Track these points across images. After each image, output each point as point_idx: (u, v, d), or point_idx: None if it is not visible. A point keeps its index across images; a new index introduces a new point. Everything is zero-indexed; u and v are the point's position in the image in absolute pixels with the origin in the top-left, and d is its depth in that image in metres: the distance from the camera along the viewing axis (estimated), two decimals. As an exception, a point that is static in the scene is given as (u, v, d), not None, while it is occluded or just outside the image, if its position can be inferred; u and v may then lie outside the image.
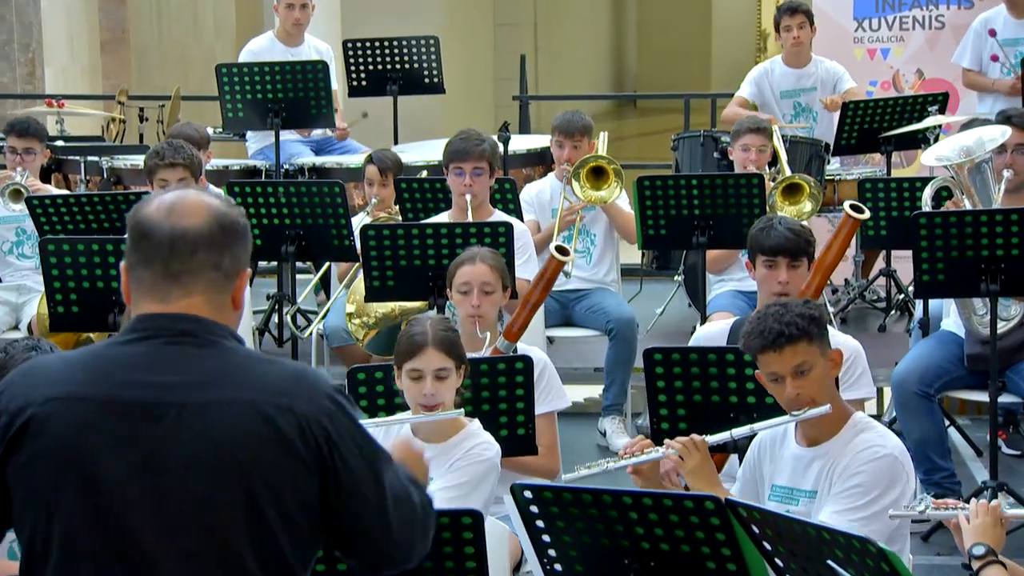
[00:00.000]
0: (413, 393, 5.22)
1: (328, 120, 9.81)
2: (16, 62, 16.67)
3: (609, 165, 8.64)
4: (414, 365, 5.21)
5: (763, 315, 5.03)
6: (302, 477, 3.21)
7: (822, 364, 5.00)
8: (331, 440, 3.23)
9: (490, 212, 7.74)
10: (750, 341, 5.01)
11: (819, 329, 5.01)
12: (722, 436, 5.17)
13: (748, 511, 4.40)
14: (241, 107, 9.64)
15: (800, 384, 4.96)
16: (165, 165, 7.51)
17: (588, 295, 8.80)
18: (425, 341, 5.20)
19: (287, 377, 3.28)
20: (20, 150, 8.89)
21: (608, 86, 27.76)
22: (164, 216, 3.26)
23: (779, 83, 10.61)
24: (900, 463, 4.99)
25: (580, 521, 4.60)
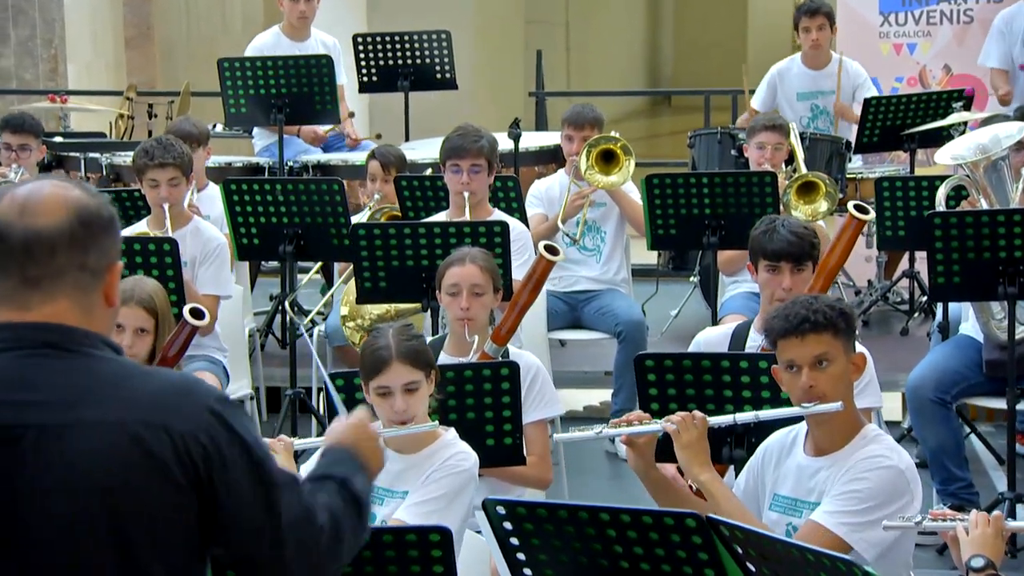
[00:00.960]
0: (383, 409, 4.96)
1: (333, 116, 9.58)
2: (39, 58, 16.64)
3: (620, 149, 8.38)
4: (381, 382, 4.96)
5: (792, 302, 4.81)
6: (179, 504, 2.92)
7: (843, 362, 4.75)
8: (211, 460, 2.94)
9: (489, 211, 7.49)
10: (773, 324, 4.78)
11: (847, 326, 4.77)
12: (725, 418, 4.93)
13: (730, 530, 4.14)
14: (244, 102, 9.42)
15: (816, 376, 4.70)
16: (155, 165, 7.26)
17: (597, 296, 8.56)
18: (389, 355, 4.94)
19: (165, 391, 2.97)
20: (15, 146, 8.72)
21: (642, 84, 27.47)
22: (17, 216, 2.96)
23: (796, 84, 10.34)
24: (905, 479, 4.73)
25: (556, 539, 4.35)
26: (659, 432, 4.88)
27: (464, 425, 5.46)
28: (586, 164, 8.37)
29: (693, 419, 4.83)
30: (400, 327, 5.01)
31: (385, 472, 4.97)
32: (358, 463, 3.36)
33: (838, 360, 4.74)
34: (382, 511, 4.96)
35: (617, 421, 4.96)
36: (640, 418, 4.93)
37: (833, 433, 4.78)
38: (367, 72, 10.58)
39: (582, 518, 4.31)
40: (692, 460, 4.82)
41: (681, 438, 4.81)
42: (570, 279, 8.60)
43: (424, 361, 4.97)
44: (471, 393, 5.47)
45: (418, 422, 4.93)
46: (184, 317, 5.75)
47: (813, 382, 4.71)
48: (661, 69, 29.37)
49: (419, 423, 4.93)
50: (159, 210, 7.31)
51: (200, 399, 2.98)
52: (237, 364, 7.61)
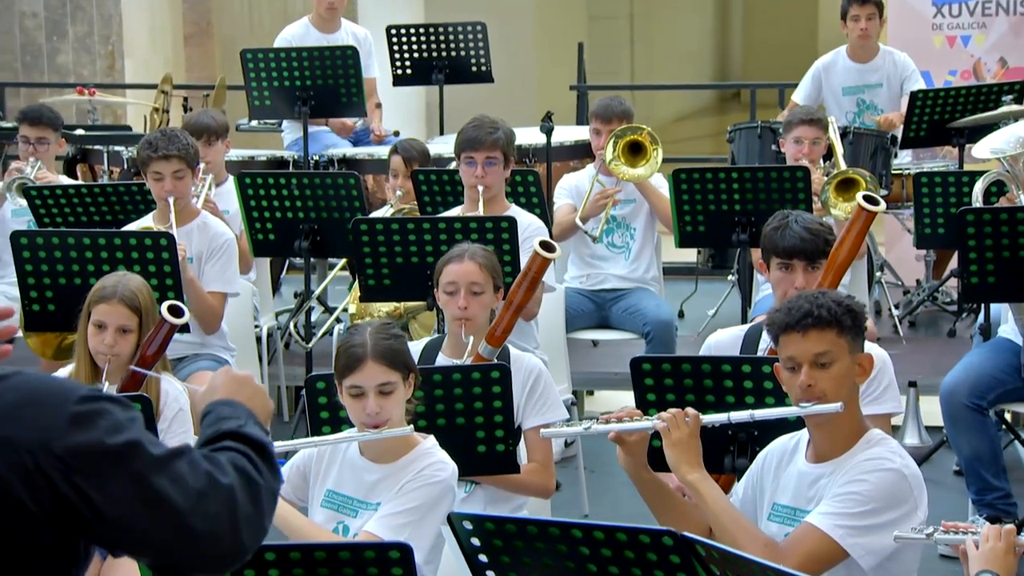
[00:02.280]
0: (355, 411, 4.65)
1: (359, 109, 9.29)
2: (96, 54, 16.70)
3: (647, 140, 8.06)
4: (354, 381, 4.64)
5: (797, 296, 4.51)
6: (28, 527, 2.64)
7: (847, 363, 4.42)
8: (71, 469, 2.66)
9: (506, 206, 7.17)
10: (774, 318, 4.46)
11: (853, 323, 4.43)
12: (719, 417, 4.60)
13: (707, 549, 3.82)
14: (268, 94, 9.16)
15: (816, 375, 4.38)
16: (159, 157, 6.98)
17: (626, 295, 8.23)
18: (364, 354, 4.62)
19: (19, 403, 2.68)
20: (33, 139, 8.48)
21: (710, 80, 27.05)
22: None
23: (842, 78, 9.97)
24: (908, 484, 4.39)
25: (527, 556, 4.04)
26: (649, 429, 4.56)
27: (454, 431, 5.17)
28: (612, 156, 8.05)
29: (685, 416, 4.51)
30: (379, 325, 4.71)
31: (360, 483, 4.72)
32: (243, 411, 3.06)
33: (841, 360, 4.42)
34: (355, 523, 4.67)
35: (607, 416, 4.65)
36: (631, 414, 4.62)
37: (834, 438, 4.47)
38: (401, 65, 10.29)
39: (553, 534, 4.02)
40: (680, 459, 4.51)
41: (671, 435, 4.50)
42: (598, 277, 8.29)
43: (401, 362, 4.66)
44: (460, 397, 5.17)
45: (393, 426, 4.62)
46: (162, 314, 5.47)
47: (812, 381, 4.40)
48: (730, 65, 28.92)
49: (394, 427, 4.61)
50: (164, 204, 7.05)
51: (56, 403, 2.70)
52: (246, 363, 7.35)
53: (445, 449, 5.08)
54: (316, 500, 4.77)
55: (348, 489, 4.72)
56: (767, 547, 4.42)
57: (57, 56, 16.72)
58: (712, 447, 5.03)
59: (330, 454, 4.76)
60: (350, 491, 4.71)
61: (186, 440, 5.57)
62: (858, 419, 4.52)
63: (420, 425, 5.12)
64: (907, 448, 7.94)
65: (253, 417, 3.06)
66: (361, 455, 4.73)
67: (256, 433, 2.97)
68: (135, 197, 7.63)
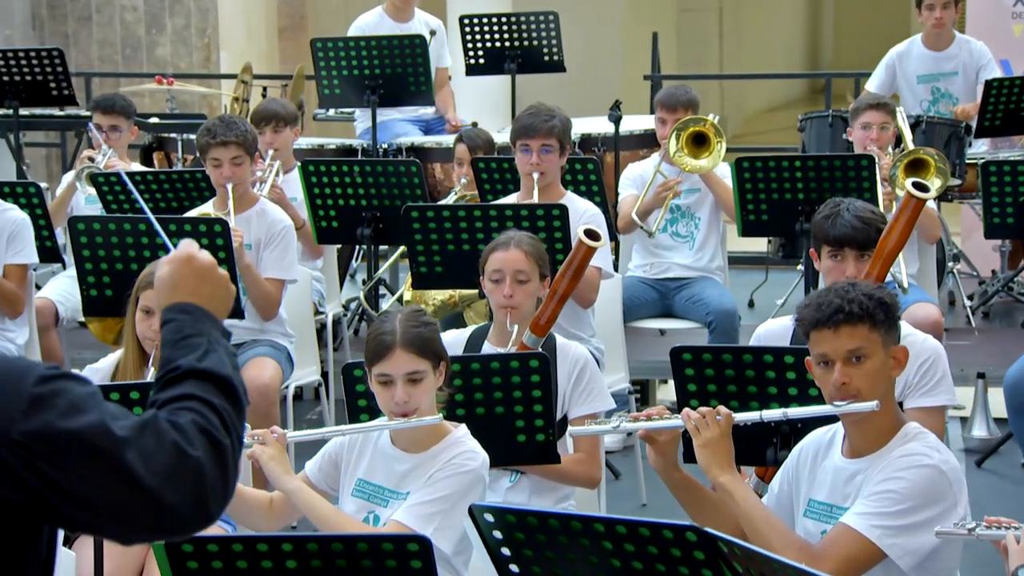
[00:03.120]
0: (384, 399, 4.49)
1: (427, 97, 9.12)
2: (193, 47, 16.83)
3: (710, 131, 7.85)
4: (382, 369, 4.48)
5: (826, 289, 4.28)
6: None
7: (881, 357, 4.20)
8: (32, 454, 2.53)
9: (561, 193, 6.98)
10: (804, 313, 4.25)
11: (886, 316, 4.22)
12: (751, 415, 4.37)
13: (729, 546, 3.62)
14: (337, 83, 9.02)
15: (850, 372, 4.17)
16: (216, 143, 6.87)
17: (689, 284, 8.02)
18: (393, 342, 4.46)
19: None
20: (106, 127, 8.39)
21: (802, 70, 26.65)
22: None
23: (916, 67, 9.68)
24: (947, 480, 4.17)
25: (549, 550, 3.87)
26: (679, 428, 4.36)
27: (493, 420, 5.01)
28: (676, 147, 7.85)
29: (717, 415, 4.30)
30: (410, 313, 4.54)
31: (391, 472, 4.56)
32: (205, 321, 2.89)
33: (875, 355, 4.20)
34: (386, 513, 4.51)
35: (637, 415, 4.46)
36: (660, 413, 4.43)
37: (870, 433, 4.25)
38: (474, 54, 10.12)
39: (575, 528, 3.83)
40: (711, 460, 4.29)
41: (701, 436, 4.29)
42: (661, 266, 8.09)
43: (431, 351, 4.49)
44: (499, 386, 4.99)
45: (422, 415, 4.45)
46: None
47: (846, 378, 4.18)
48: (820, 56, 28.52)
49: (423, 416, 4.45)
50: (223, 191, 6.93)
51: (14, 389, 2.57)
52: (305, 350, 7.21)
53: (485, 438, 4.92)
54: (347, 489, 4.63)
55: (379, 478, 4.57)
56: (801, 550, 4.22)
57: (156, 49, 16.86)
58: (755, 439, 4.85)
59: (362, 443, 4.61)
60: (381, 480, 4.56)
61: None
62: (894, 413, 4.31)
63: (459, 414, 4.97)
64: (975, 441, 7.81)
65: (214, 325, 2.88)
66: (392, 444, 4.57)
67: (217, 367, 2.79)
68: (199, 184, 7.52)
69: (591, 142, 9.28)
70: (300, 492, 4.45)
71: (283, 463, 4.46)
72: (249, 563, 3.86)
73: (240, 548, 3.85)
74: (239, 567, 3.86)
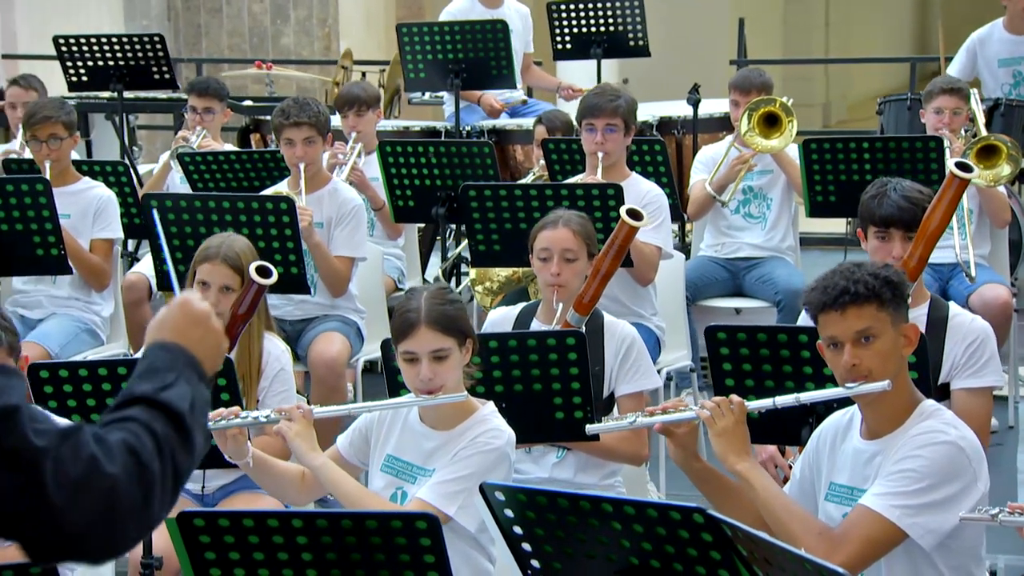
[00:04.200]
0: (410, 377, 4.28)
1: (509, 81, 8.88)
2: (315, 36, 16.87)
3: (781, 111, 7.55)
4: (407, 347, 4.26)
5: (832, 271, 4.01)
6: None
7: (891, 336, 3.94)
8: None
9: (626, 174, 6.71)
10: (810, 297, 4.00)
11: (894, 295, 3.95)
12: (764, 403, 4.12)
13: (732, 530, 3.37)
14: (422, 67, 8.81)
15: (860, 353, 3.91)
16: (290, 124, 6.73)
17: (760, 264, 7.73)
18: (417, 319, 4.24)
19: None
20: (200, 109, 8.26)
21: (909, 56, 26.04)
22: None
23: (997, 50, 9.29)
24: (966, 456, 3.90)
25: (560, 529, 3.64)
26: (693, 419, 4.12)
27: (531, 397, 4.78)
28: (747, 127, 7.56)
29: (730, 404, 4.05)
30: (435, 290, 4.32)
31: (419, 449, 4.35)
32: (181, 360, 2.63)
33: (885, 334, 3.93)
34: (413, 489, 4.30)
35: (652, 409, 4.24)
36: (676, 405, 4.20)
37: (884, 414, 3.99)
38: (561, 39, 9.86)
39: (584, 508, 3.60)
40: (727, 449, 4.05)
41: (716, 425, 4.05)
42: (733, 246, 7.81)
43: (456, 328, 4.27)
44: (536, 364, 4.75)
45: (448, 392, 4.23)
46: (250, 275, 5.16)
47: (857, 360, 3.92)
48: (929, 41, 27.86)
49: (449, 393, 4.23)
50: (296, 170, 6.76)
51: None
52: (376, 324, 7.02)
53: (523, 415, 4.72)
54: (376, 464, 4.42)
55: (407, 455, 4.36)
56: (821, 535, 3.96)
57: (280, 38, 16.90)
58: (790, 420, 4.58)
59: (391, 419, 4.41)
60: (409, 457, 4.35)
61: (287, 398, 5.28)
62: (908, 392, 4.03)
63: (497, 390, 4.76)
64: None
65: (192, 367, 2.62)
66: (420, 421, 4.36)
67: (173, 400, 2.53)
68: (280, 164, 7.35)
69: (670, 125, 9.01)
70: (325, 468, 4.26)
71: (309, 439, 4.26)
72: (260, 538, 3.67)
73: (251, 523, 3.66)
74: (251, 542, 3.68)
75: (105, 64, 9.33)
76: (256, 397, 5.29)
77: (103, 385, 4.75)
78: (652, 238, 6.47)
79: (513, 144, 8.77)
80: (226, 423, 4.27)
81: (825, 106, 21.54)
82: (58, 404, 4.76)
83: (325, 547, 3.65)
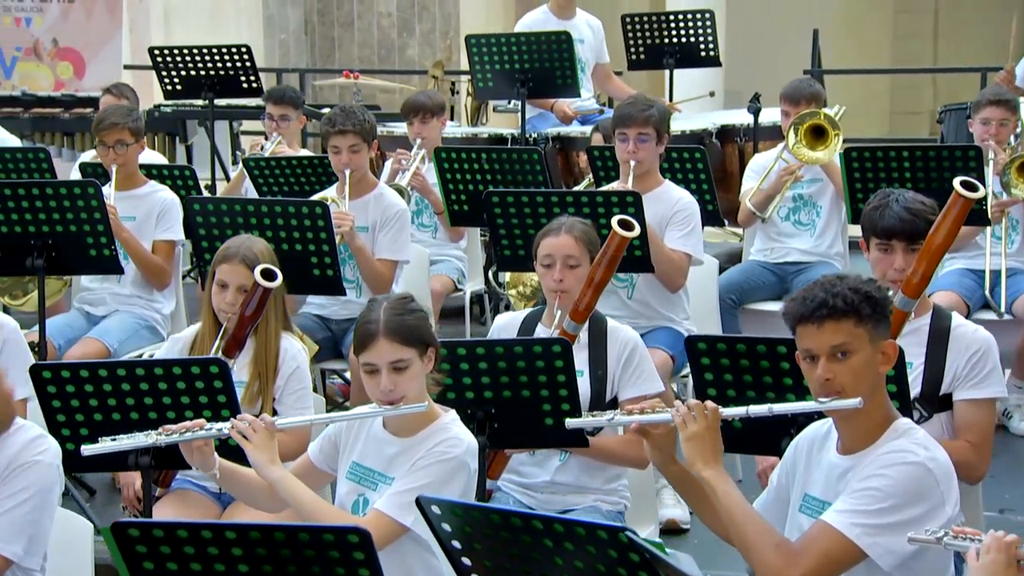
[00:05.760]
0: (371, 388, 3.96)
1: (572, 91, 8.54)
2: (437, 48, 16.86)
3: (827, 124, 7.12)
4: (366, 359, 3.95)
5: (813, 283, 3.65)
6: None
7: (867, 353, 3.58)
8: None
9: (659, 181, 6.33)
10: (788, 308, 3.65)
11: (874, 311, 3.59)
12: (737, 410, 3.78)
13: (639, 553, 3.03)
14: (490, 77, 8.50)
15: (834, 368, 3.56)
16: (335, 132, 6.46)
17: (808, 269, 7.30)
18: (376, 331, 3.92)
19: None
20: (276, 116, 8.04)
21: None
22: None
23: None
24: (934, 478, 3.52)
25: (496, 544, 3.32)
26: (668, 422, 3.76)
27: (520, 404, 4.45)
28: (794, 140, 7.15)
29: (705, 409, 3.69)
30: (396, 300, 4.00)
31: (381, 455, 4.05)
32: None
33: (861, 351, 3.57)
34: (375, 496, 3.99)
35: (631, 408, 3.89)
36: (654, 406, 3.84)
37: (858, 430, 3.63)
38: (635, 50, 9.51)
39: (515, 524, 3.28)
40: (696, 454, 3.70)
41: (687, 429, 3.70)
42: (781, 251, 7.40)
43: (416, 338, 3.94)
44: (524, 371, 4.42)
45: (409, 402, 3.91)
46: (255, 278, 4.89)
47: (830, 375, 3.57)
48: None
49: (411, 403, 3.91)
50: (342, 176, 6.49)
51: None
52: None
53: (514, 421, 4.41)
54: (343, 471, 4.12)
55: (370, 461, 4.05)
56: (779, 547, 3.59)
57: (406, 50, 16.85)
58: (771, 430, 4.21)
59: (358, 426, 4.10)
60: (371, 463, 4.04)
61: (302, 396, 5.01)
62: (884, 410, 3.65)
63: (487, 396, 4.44)
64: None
65: None
66: (384, 428, 4.05)
67: None
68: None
69: (733, 132, 8.61)
70: (283, 481, 3.95)
71: (269, 451, 3.95)
72: (196, 549, 3.39)
73: (185, 534, 3.38)
74: (186, 552, 3.39)
75: (197, 74, 9.16)
76: (273, 395, 5.03)
77: (104, 386, 4.51)
78: (681, 245, 6.11)
79: (577, 151, 8.44)
80: (192, 435, 3.99)
81: (932, 113, 20.88)
82: (62, 404, 4.54)
83: (261, 559, 3.36)
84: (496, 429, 4.46)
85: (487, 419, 4.44)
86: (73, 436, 4.51)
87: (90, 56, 11.19)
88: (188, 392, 4.50)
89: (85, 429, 4.52)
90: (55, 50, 11.34)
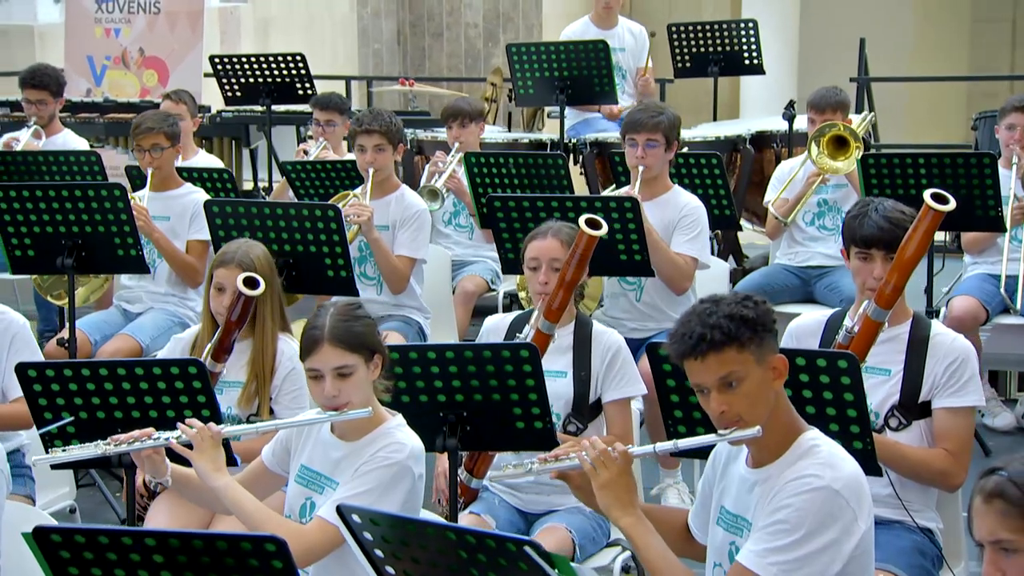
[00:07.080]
0: (315, 393, 3.72)
1: (611, 97, 8.25)
2: None
3: (848, 135, 6.80)
4: (311, 364, 3.70)
5: (690, 313, 3.32)
6: None
7: (756, 375, 3.26)
8: None
9: (667, 187, 6.04)
10: (670, 347, 3.32)
11: (753, 333, 3.26)
12: (646, 449, 3.50)
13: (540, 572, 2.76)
14: (531, 84, 8.23)
15: (727, 399, 3.26)
16: (362, 131, 6.28)
17: (831, 272, 7.00)
18: (320, 336, 3.68)
19: None
20: (322, 122, 7.85)
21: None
22: None
23: None
24: (842, 498, 3.22)
25: (416, 553, 3.07)
26: (577, 468, 3.47)
27: (492, 407, 4.19)
28: (817, 150, 6.84)
29: (613, 451, 3.40)
30: (343, 306, 3.75)
31: (327, 459, 3.80)
32: None
33: (750, 376, 3.25)
34: (321, 500, 3.75)
35: (545, 457, 3.58)
36: (567, 451, 3.54)
37: (764, 445, 3.33)
38: (681, 59, 9.20)
39: (429, 534, 3.03)
40: (611, 503, 3.39)
41: (599, 477, 3.39)
42: (805, 255, 7.09)
43: (361, 345, 3.69)
44: (493, 374, 4.16)
45: (354, 408, 3.67)
46: (237, 286, 4.69)
47: (725, 406, 3.27)
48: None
49: (356, 409, 3.67)
50: (366, 174, 6.29)
51: None
52: (442, 326, 6.49)
53: (487, 424, 4.15)
54: (292, 474, 3.88)
55: (317, 465, 3.82)
56: None
57: (491, 59, 16.68)
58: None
59: (308, 429, 3.86)
60: (318, 466, 3.80)
61: (298, 397, 4.79)
62: (786, 423, 3.35)
63: (458, 399, 4.18)
64: None
65: None
66: (331, 432, 3.81)
67: None
68: (369, 172, 6.87)
69: (769, 139, 8.28)
70: (226, 490, 3.72)
71: (214, 460, 3.73)
72: (118, 555, 3.17)
73: (106, 540, 3.16)
74: (109, 559, 3.18)
75: (255, 81, 9.01)
76: (269, 395, 4.82)
77: (88, 385, 4.32)
78: (687, 248, 5.82)
79: (613, 155, 8.14)
80: (140, 445, 3.78)
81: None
82: (65, 403, 4.35)
83: (182, 566, 3.13)
84: (468, 432, 4.20)
85: (459, 422, 4.19)
86: (60, 434, 4.34)
87: (173, 64, 11.09)
88: (169, 392, 4.30)
89: (71, 427, 4.35)
90: (141, 59, 11.24)
